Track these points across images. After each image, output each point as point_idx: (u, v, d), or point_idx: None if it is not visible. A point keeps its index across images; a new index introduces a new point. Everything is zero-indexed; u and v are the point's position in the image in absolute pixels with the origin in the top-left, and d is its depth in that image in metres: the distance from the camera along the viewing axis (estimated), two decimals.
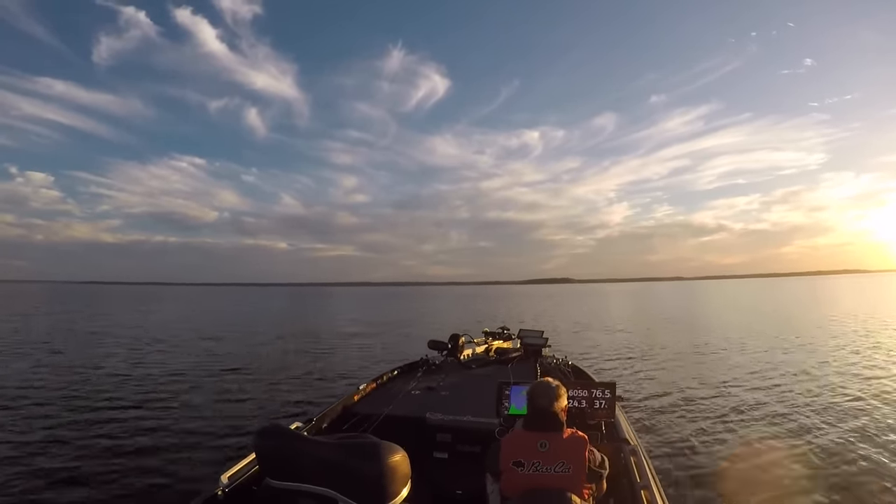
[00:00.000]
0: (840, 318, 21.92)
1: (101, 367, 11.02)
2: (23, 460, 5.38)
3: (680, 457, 5.53)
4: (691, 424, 6.72)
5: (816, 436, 6.16)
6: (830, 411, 7.22)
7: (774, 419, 6.93)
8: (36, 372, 10.47)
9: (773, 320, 22.49)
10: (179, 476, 5.04)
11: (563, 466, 2.13)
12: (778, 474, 5.06)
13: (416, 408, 3.68)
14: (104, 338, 16.78)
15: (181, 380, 9.83)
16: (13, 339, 16.27)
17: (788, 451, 5.68)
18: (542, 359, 5.37)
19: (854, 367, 10.59)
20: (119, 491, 4.71)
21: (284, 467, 1.85)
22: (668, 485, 4.60)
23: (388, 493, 1.75)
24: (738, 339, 15.48)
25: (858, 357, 11.86)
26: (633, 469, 2.63)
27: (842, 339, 15.16)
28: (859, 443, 5.87)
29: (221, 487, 2.28)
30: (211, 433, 6.40)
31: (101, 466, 5.24)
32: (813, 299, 40.74)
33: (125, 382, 9.47)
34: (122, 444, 5.94)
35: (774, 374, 10.05)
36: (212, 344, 15.60)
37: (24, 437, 6.17)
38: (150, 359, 12.54)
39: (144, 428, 6.60)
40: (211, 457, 5.56)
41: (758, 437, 6.20)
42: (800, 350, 13.17)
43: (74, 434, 6.29)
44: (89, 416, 7.15)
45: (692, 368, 10.82)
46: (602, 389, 3.03)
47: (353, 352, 14.17)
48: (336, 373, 10.73)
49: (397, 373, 4.97)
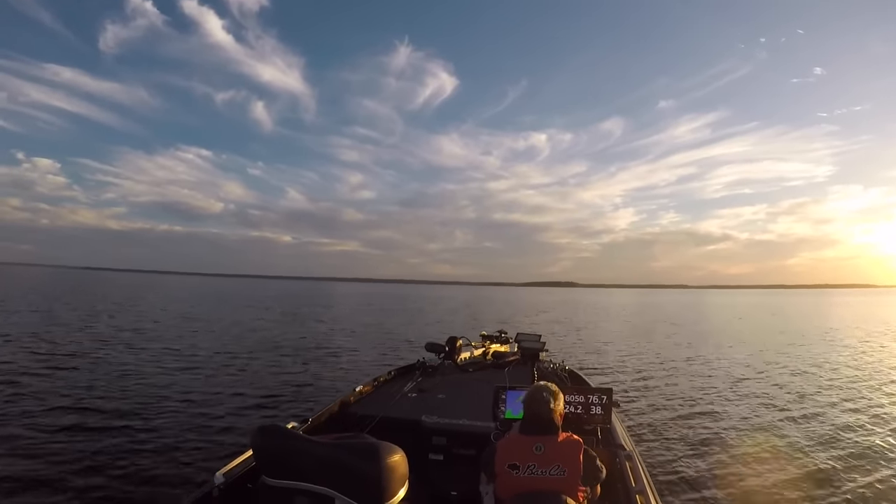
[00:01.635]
0: (845, 333, 21.85)
1: (94, 362, 10.97)
2: (15, 457, 5.36)
3: (675, 462, 5.54)
4: (687, 431, 6.73)
5: (813, 446, 6.19)
6: (829, 423, 7.24)
7: (771, 428, 6.97)
8: (27, 363, 10.43)
9: (774, 333, 22.40)
10: (174, 473, 5.03)
11: (559, 469, 2.14)
12: (773, 482, 5.07)
13: (411, 410, 3.68)
14: (96, 328, 16.70)
15: (176, 376, 9.79)
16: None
17: (785, 460, 5.70)
18: (539, 363, 5.36)
19: (857, 384, 10.42)
20: (114, 487, 4.69)
21: (281, 465, 1.86)
22: (664, 490, 4.62)
23: (386, 492, 1.76)
24: (738, 350, 15.51)
25: (860, 374, 11.64)
26: (629, 474, 2.64)
27: (845, 354, 15.11)
28: (858, 454, 5.90)
29: (217, 485, 2.29)
30: (206, 430, 6.38)
31: (95, 463, 5.22)
32: (818, 313, 40.30)
33: (119, 377, 9.43)
34: (117, 441, 5.92)
35: (773, 385, 10.10)
36: (209, 339, 15.54)
37: (16, 433, 6.14)
38: (144, 354, 12.48)
39: (139, 424, 6.56)
40: (206, 454, 5.55)
41: (754, 445, 6.22)
42: (800, 364, 13.19)
43: (68, 429, 6.25)
44: (82, 411, 7.11)
45: (689, 376, 10.85)
46: (598, 395, 3.04)
47: (351, 352, 14.14)
48: (332, 373, 10.71)
49: (394, 375, 4.96)
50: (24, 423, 6.53)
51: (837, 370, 11.96)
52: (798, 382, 10.27)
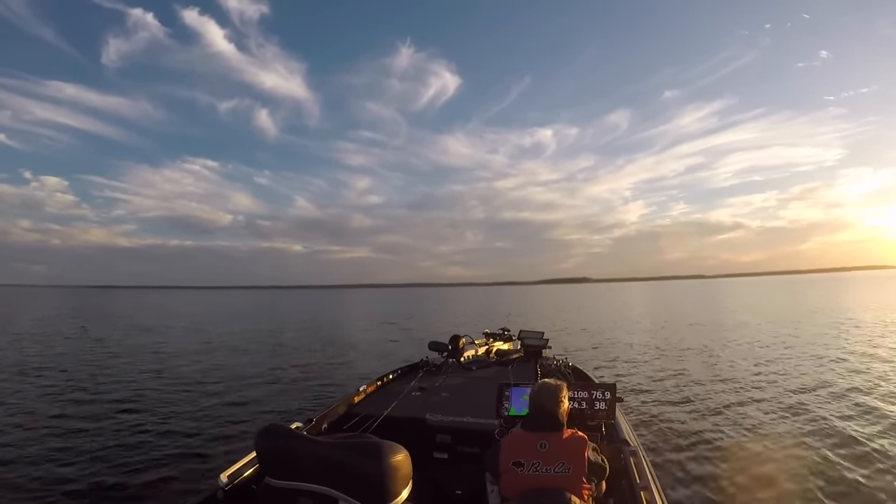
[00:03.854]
0: (857, 317, 21.35)
1: (102, 367, 11.03)
2: (21, 459, 5.39)
3: (680, 458, 5.52)
4: (692, 426, 6.70)
5: (820, 439, 6.12)
6: (837, 414, 7.14)
7: (777, 421, 6.91)
8: (37, 370, 10.48)
9: (786, 320, 21.78)
10: (179, 474, 5.05)
11: (563, 467, 2.13)
12: (779, 476, 5.05)
13: (416, 409, 3.68)
14: (106, 338, 16.80)
15: (181, 379, 9.83)
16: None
17: (790, 453, 5.66)
18: (542, 360, 5.35)
19: (868, 372, 10.16)
20: (119, 489, 4.72)
21: (285, 466, 1.86)
22: (668, 486, 4.60)
23: (389, 492, 1.75)
24: (745, 341, 15.35)
25: (874, 361, 11.29)
26: (633, 470, 2.63)
27: (856, 340, 14.77)
28: (866, 446, 5.82)
29: (221, 486, 2.29)
30: (211, 432, 6.41)
31: (100, 465, 5.25)
32: (831, 297, 39.54)
33: (126, 380, 9.47)
34: (122, 442, 5.95)
35: (780, 376, 9.99)
36: (214, 345, 15.61)
37: (24, 434, 6.18)
38: (150, 358, 12.55)
39: (144, 426, 6.61)
40: (211, 456, 5.57)
41: (759, 439, 6.18)
42: (811, 351, 12.93)
43: (74, 433, 6.30)
44: (89, 415, 7.15)
45: (694, 370, 10.78)
46: (602, 391, 3.03)
47: (353, 354, 14.16)
48: (337, 374, 10.73)
49: (398, 374, 4.97)
50: (25, 424, 6.57)
51: (850, 357, 11.49)
52: (813, 373, 9.97)
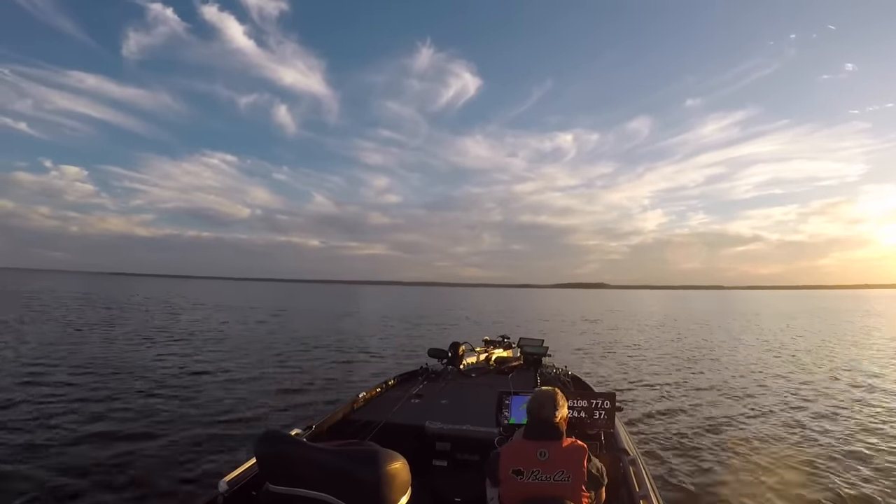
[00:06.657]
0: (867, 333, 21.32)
1: (102, 366, 10.98)
2: (17, 460, 5.36)
3: (679, 467, 5.50)
4: (691, 435, 6.69)
5: (821, 449, 6.12)
6: (838, 426, 7.14)
7: (777, 433, 6.90)
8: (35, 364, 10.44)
9: (796, 335, 21.53)
10: (178, 480, 5.02)
11: (563, 475, 2.14)
12: (779, 486, 5.04)
13: (415, 416, 3.68)
14: (106, 334, 16.73)
15: (181, 382, 9.79)
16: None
17: (790, 464, 5.65)
18: (542, 368, 5.35)
19: (874, 387, 10.09)
20: (117, 495, 4.68)
21: (285, 472, 1.86)
22: (667, 496, 4.58)
23: (388, 500, 1.75)
24: (750, 353, 15.34)
25: (877, 379, 11.10)
26: (632, 479, 2.63)
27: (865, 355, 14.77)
28: (866, 458, 5.82)
29: (222, 492, 2.29)
30: (210, 437, 6.37)
31: (100, 469, 5.21)
32: (845, 311, 39.08)
33: (126, 383, 9.43)
34: (121, 447, 5.91)
35: (782, 388, 9.99)
36: (216, 345, 15.55)
37: (21, 437, 6.14)
38: (148, 358, 12.50)
39: (143, 430, 6.57)
40: (210, 461, 5.54)
41: (759, 449, 6.17)
42: (815, 365, 12.98)
43: (71, 434, 6.26)
44: (87, 417, 7.11)
45: (695, 381, 10.77)
46: (602, 400, 3.03)
47: (357, 356, 14.11)
48: (337, 379, 10.68)
49: (397, 381, 4.97)
50: (26, 424, 6.55)
51: (873, 377, 11.26)
52: (816, 387, 10.00)
